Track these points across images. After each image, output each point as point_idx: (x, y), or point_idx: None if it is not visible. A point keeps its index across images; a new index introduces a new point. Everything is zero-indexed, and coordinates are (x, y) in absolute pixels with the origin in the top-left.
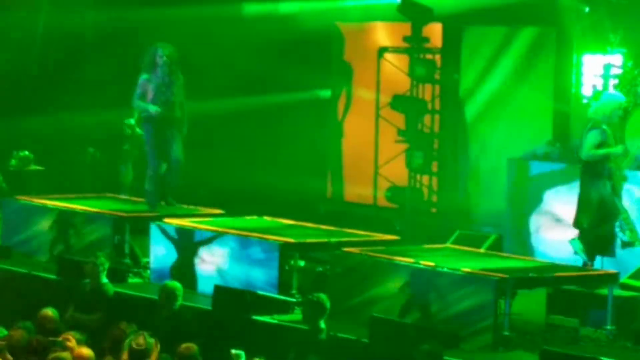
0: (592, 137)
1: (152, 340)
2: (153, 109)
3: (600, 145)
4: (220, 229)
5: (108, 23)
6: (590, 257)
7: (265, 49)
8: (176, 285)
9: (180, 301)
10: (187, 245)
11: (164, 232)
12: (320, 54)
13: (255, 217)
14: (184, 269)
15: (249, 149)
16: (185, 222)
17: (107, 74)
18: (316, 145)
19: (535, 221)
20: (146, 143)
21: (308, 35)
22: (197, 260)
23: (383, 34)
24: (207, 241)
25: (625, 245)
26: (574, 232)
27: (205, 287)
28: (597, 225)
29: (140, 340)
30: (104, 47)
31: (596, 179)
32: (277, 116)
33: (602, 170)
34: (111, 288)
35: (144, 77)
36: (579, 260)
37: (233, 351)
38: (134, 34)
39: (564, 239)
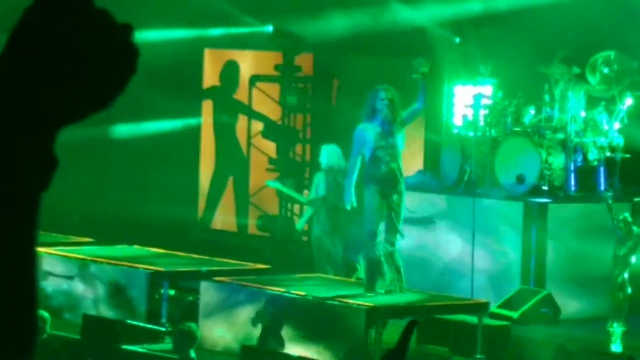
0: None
1: None
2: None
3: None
4: (89, 258)
5: None
6: None
7: (136, 77)
8: (44, 314)
9: (48, 330)
10: (57, 274)
11: None
12: (191, 81)
13: (125, 245)
14: (53, 298)
15: (121, 177)
16: (55, 251)
17: None
18: (187, 173)
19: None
20: (367, 207)
21: (179, 63)
22: (66, 289)
23: (255, 62)
24: (77, 269)
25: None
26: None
27: (75, 316)
28: None
29: None
30: None
31: None
32: (148, 143)
33: None
34: None
35: (359, 127)
36: (452, 288)
37: None
38: None
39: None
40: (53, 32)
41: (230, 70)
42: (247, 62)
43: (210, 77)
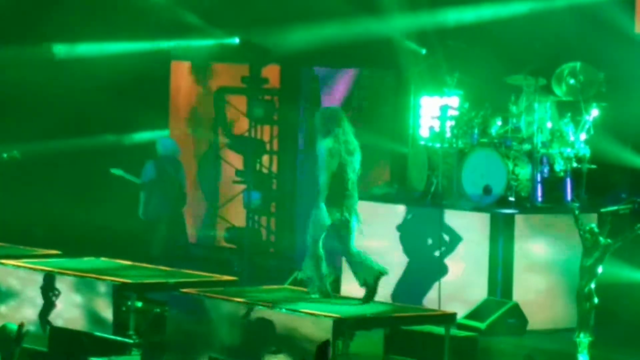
0: None
1: None
2: None
3: None
4: (56, 270)
5: None
6: None
7: (103, 89)
8: (13, 327)
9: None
10: (24, 286)
11: None
12: (158, 94)
13: (92, 258)
14: (20, 310)
15: (86, 189)
16: (21, 263)
17: None
18: None
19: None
20: None
21: (146, 75)
22: (33, 301)
23: (222, 74)
24: (44, 282)
25: None
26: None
27: (42, 328)
28: None
29: None
30: None
31: None
32: (116, 156)
33: None
34: None
35: None
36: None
37: None
38: None
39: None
40: None
41: (197, 82)
42: (214, 75)
43: (177, 90)
